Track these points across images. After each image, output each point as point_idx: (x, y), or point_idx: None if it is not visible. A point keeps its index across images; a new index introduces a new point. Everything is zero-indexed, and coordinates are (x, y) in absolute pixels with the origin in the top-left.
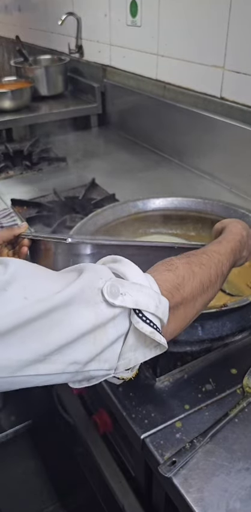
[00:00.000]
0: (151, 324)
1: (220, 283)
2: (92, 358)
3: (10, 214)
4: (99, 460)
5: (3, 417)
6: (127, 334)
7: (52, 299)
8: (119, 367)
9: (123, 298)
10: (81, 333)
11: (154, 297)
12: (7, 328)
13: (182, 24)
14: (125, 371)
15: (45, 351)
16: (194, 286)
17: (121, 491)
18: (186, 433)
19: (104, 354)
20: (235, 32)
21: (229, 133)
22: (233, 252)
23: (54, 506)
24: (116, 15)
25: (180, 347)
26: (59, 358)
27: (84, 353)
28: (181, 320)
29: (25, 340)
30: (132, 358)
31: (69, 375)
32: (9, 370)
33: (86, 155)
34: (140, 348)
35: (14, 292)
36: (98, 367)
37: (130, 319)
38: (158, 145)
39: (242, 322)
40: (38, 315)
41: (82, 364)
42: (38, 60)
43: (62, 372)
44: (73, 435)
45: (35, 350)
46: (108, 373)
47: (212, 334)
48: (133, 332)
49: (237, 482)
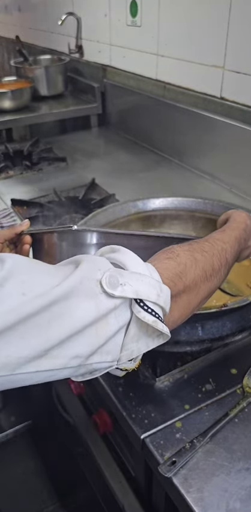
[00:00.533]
0: (152, 313)
1: (224, 271)
2: (94, 351)
3: (10, 214)
4: (99, 460)
5: (3, 417)
6: (129, 324)
7: (50, 293)
8: (122, 358)
9: (123, 289)
10: (82, 325)
11: (155, 285)
12: (6, 325)
13: (182, 24)
14: (128, 362)
15: (46, 346)
16: (197, 274)
17: (121, 491)
18: (186, 433)
19: (107, 345)
20: (235, 32)
21: (229, 133)
22: (238, 240)
23: (54, 506)
24: (116, 15)
25: (180, 347)
26: (60, 353)
27: (87, 346)
28: (184, 308)
29: (24, 336)
30: (134, 348)
31: (72, 369)
32: (9, 368)
33: (86, 155)
34: (143, 338)
35: (11, 288)
36: (101, 360)
37: (131, 309)
38: (158, 145)
39: (242, 322)
40: (37, 310)
41: (85, 357)
42: (38, 60)
43: (64, 366)
44: (73, 435)
45: (35, 346)
46: (111, 365)
47: (212, 334)
48: (134, 322)
49: (237, 482)
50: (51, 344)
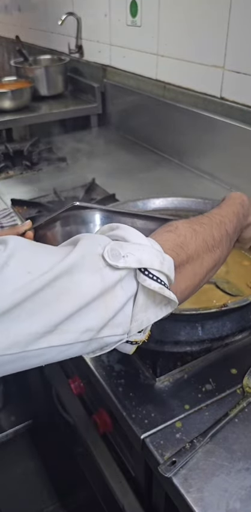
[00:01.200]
0: (158, 281)
1: (226, 244)
2: (105, 324)
3: (10, 214)
4: (99, 460)
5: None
6: (136, 294)
7: (55, 269)
8: (132, 330)
9: (125, 260)
10: (90, 299)
11: (157, 254)
12: (14, 303)
13: (182, 24)
14: (138, 333)
15: (55, 321)
16: (198, 244)
17: (121, 491)
18: (186, 433)
19: (117, 318)
20: (235, 31)
21: (229, 133)
22: (236, 214)
23: (54, 506)
24: (116, 15)
25: (180, 347)
26: (71, 327)
27: (97, 319)
28: (190, 278)
29: (33, 312)
30: (144, 319)
31: (83, 344)
32: (21, 345)
33: (86, 155)
34: (151, 308)
35: (16, 267)
36: (112, 333)
37: (137, 280)
38: (158, 145)
39: (242, 322)
40: (43, 286)
41: (96, 330)
42: (38, 60)
43: (76, 341)
44: (73, 435)
45: (44, 321)
46: (121, 338)
47: (212, 334)
48: (141, 291)
49: (237, 482)
50: (60, 319)
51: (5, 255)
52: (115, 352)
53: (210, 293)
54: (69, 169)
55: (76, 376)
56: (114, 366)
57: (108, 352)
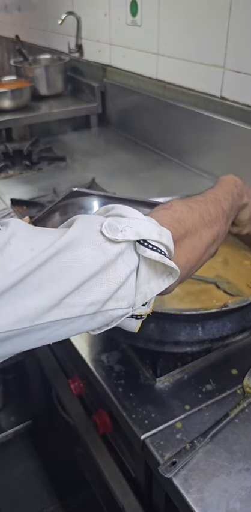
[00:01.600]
0: (158, 251)
1: (223, 220)
2: (109, 297)
3: (10, 214)
4: (99, 461)
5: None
6: (138, 267)
7: (56, 244)
8: (137, 303)
9: (124, 234)
10: (93, 272)
11: (155, 227)
12: (19, 278)
13: (182, 24)
14: (142, 306)
15: (61, 295)
16: (195, 219)
17: (121, 491)
18: (186, 433)
19: (121, 291)
20: (235, 31)
21: (229, 133)
22: (230, 193)
23: (54, 506)
24: (116, 15)
25: (180, 347)
26: (76, 300)
27: (101, 292)
28: (190, 252)
29: (39, 287)
30: (147, 290)
31: (89, 317)
32: (28, 319)
33: (86, 155)
34: (153, 279)
35: (19, 245)
36: (117, 306)
37: (137, 252)
38: (158, 145)
39: (243, 323)
40: (46, 260)
41: (101, 303)
42: (37, 59)
43: (82, 313)
44: (73, 436)
45: (50, 295)
46: (127, 312)
47: (212, 335)
48: (143, 263)
49: (237, 483)
50: (65, 292)
51: (6, 233)
52: (115, 353)
53: (210, 293)
54: (69, 169)
55: (76, 377)
56: (114, 366)
57: (109, 353)
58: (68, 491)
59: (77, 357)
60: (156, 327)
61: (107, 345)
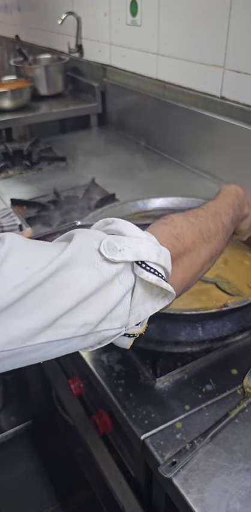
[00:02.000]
0: (155, 273)
1: (222, 235)
2: (103, 318)
3: (10, 214)
4: (99, 461)
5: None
6: (134, 287)
7: (52, 264)
8: (130, 323)
9: (122, 254)
10: (88, 293)
11: (154, 247)
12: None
13: (182, 24)
14: (136, 326)
15: (54, 316)
16: (194, 235)
17: (121, 491)
18: (186, 433)
19: (115, 311)
20: (235, 31)
21: (229, 133)
22: (231, 205)
23: (54, 506)
24: (116, 15)
25: (180, 347)
26: (69, 322)
27: (95, 313)
28: (188, 270)
29: (32, 308)
30: (142, 311)
31: (81, 338)
32: (19, 340)
33: (86, 155)
34: (148, 301)
35: (15, 263)
36: (110, 326)
37: (134, 273)
38: (158, 145)
39: (243, 323)
40: (42, 280)
41: (94, 324)
42: (37, 59)
43: (74, 335)
44: (73, 436)
45: (43, 316)
46: (120, 331)
47: (212, 335)
48: (139, 284)
49: (237, 483)
50: (59, 313)
51: (3, 250)
52: (115, 353)
53: (210, 293)
54: (69, 169)
55: (76, 377)
56: (114, 367)
57: (109, 353)
58: (68, 491)
59: (77, 357)
60: (156, 327)
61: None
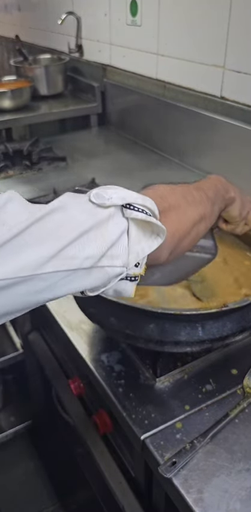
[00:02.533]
0: (143, 212)
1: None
2: (104, 253)
3: None
4: (99, 461)
5: (3, 417)
6: (128, 229)
7: (49, 205)
8: (130, 262)
9: (110, 200)
10: (87, 228)
11: (139, 195)
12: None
13: (183, 24)
14: (135, 268)
15: (58, 247)
16: (178, 198)
17: (121, 491)
18: (186, 433)
19: (114, 249)
20: (235, 31)
21: (229, 133)
22: (213, 186)
23: (54, 506)
24: (116, 15)
25: (180, 347)
26: (74, 253)
27: (96, 248)
28: (177, 223)
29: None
30: (139, 250)
31: (86, 271)
32: (31, 268)
33: (86, 155)
34: (143, 240)
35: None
36: (111, 264)
37: (125, 217)
38: (158, 145)
39: (243, 323)
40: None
41: (96, 258)
42: (37, 59)
43: (79, 267)
44: (73, 435)
45: (49, 247)
46: (121, 271)
47: (212, 335)
48: (132, 225)
49: (237, 483)
50: (62, 244)
51: (4, 196)
52: (115, 353)
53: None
54: (69, 169)
55: (76, 377)
56: (114, 367)
57: (109, 353)
58: (68, 491)
59: (77, 357)
60: (156, 327)
61: (107, 345)
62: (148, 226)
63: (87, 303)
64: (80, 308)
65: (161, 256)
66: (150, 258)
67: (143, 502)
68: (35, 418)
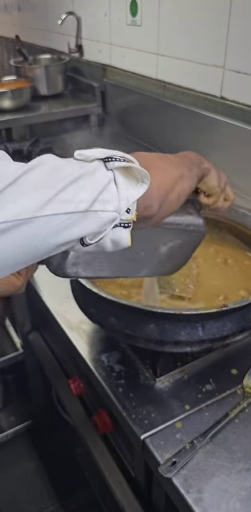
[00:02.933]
0: (125, 161)
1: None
2: (95, 198)
3: None
4: (99, 461)
5: (3, 417)
6: (115, 179)
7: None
8: (122, 208)
9: (93, 156)
10: (77, 175)
11: (119, 152)
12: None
13: (182, 24)
14: (127, 213)
15: (53, 191)
16: (155, 158)
17: (121, 491)
18: (186, 433)
19: (104, 194)
20: (235, 31)
21: (229, 133)
22: (187, 157)
23: (54, 506)
24: (116, 15)
25: (180, 347)
26: (68, 198)
27: (88, 192)
28: (159, 177)
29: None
30: (128, 196)
31: (81, 214)
32: (30, 210)
33: None
34: (130, 188)
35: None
36: (104, 208)
37: (109, 169)
38: (158, 145)
39: (243, 323)
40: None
41: (89, 202)
42: (37, 59)
43: (74, 210)
44: (73, 435)
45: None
46: (114, 216)
47: (212, 335)
48: (117, 174)
49: (237, 483)
50: (56, 189)
51: None
52: (115, 353)
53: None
54: None
55: (76, 377)
56: (114, 367)
57: (109, 353)
58: (68, 491)
59: (77, 357)
60: (156, 327)
61: (107, 345)
62: (131, 173)
63: (87, 303)
64: (80, 308)
65: (151, 206)
66: (142, 208)
67: (143, 502)
68: (35, 418)
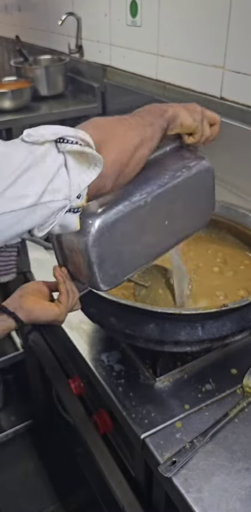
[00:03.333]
0: (77, 143)
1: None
2: (45, 189)
3: None
4: (99, 460)
5: (3, 417)
6: (66, 163)
7: None
8: (72, 195)
9: (42, 136)
10: (25, 167)
11: (70, 128)
12: None
13: (182, 24)
14: (77, 199)
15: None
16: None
17: (121, 491)
18: (186, 433)
19: (54, 182)
20: (235, 31)
21: (229, 133)
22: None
23: (54, 506)
24: (116, 15)
25: (180, 347)
26: (14, 193)
27: (36, 185)
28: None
29: None
30: (80, 181)
31: (30, 210)
32: None
33: None
34: (82, 172)
35: None
36: (54, 198)
37: (61, 151)
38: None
39: (243, 322)
40: None
41: (38, 194)
42: (38, 60)
43: (21, 207)
44: (73, 435)
45: None
46: (64, 204)
47: (212, 334)
48: (68, 157)
49: (237, 483)
50: (3, 187)
51: None
52: (115, 352)
53: None
54: None
55: (76, 376)
56: (114, 366)
57: (109, 352)
58: (68, 491)
59: (77, 356)
60: (156, 327)
61: (107, 344)
62: (84, 157)
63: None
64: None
65: (105, 186)
66: (94, 189)
67: (143, 502)
68: (35, 418)
